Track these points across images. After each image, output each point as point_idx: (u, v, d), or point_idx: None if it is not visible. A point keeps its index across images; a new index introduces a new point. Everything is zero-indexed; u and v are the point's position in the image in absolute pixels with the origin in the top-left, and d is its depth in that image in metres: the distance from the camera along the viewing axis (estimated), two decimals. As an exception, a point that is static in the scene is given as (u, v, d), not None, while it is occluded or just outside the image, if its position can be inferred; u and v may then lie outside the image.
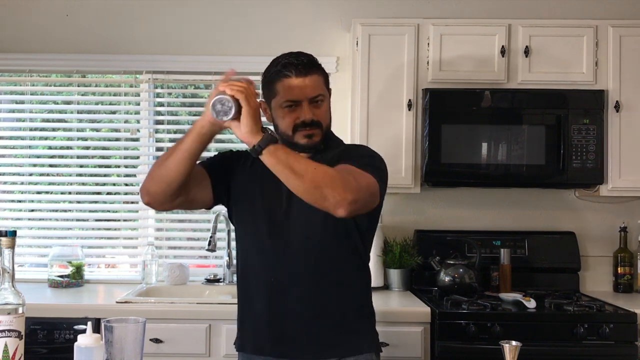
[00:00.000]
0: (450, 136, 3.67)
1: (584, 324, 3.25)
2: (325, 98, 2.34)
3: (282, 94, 2.28)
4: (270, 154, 2.01)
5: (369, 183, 2.14)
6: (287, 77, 2.26)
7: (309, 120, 2.27)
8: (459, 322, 3.25)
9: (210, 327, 3.32)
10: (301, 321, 2.31)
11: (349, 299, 2.36)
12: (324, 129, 2.33)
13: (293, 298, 2.30)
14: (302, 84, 2.26)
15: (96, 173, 4.32)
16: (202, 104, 4.26)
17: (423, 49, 3.75)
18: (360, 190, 2.06)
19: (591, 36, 3.72)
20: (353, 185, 2.04)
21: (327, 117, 2.36)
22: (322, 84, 2.33)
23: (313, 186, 2.01)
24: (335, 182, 2.02)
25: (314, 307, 2.31)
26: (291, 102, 2.27)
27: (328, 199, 2.01)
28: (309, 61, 2.30)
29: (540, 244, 4.00)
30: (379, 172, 2.24)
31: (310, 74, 2.27)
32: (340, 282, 2.34)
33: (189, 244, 4.33)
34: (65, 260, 3.93)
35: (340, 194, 2.00)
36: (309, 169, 2.02)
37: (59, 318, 3.29)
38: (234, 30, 4.17)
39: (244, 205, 2.41)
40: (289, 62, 2.28)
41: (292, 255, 2.30)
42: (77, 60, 4.17)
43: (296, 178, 2.01)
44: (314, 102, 2.28)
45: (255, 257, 2.37)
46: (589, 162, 3.65)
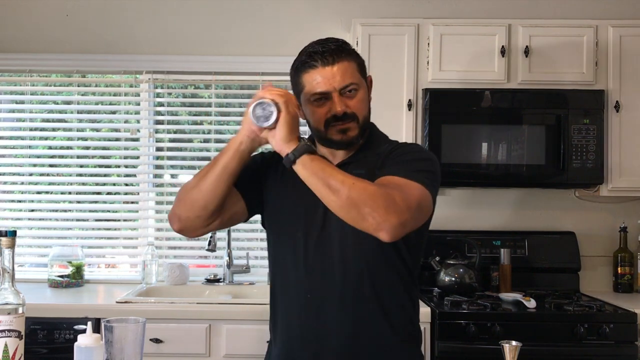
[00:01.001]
0: (450, 136, 3.67)
1: (584, 324, 3.24)
2: (360, 86, 2.07)
3: (309, 87, 2.04)
4: (304, 165, 1.85)
5: (419, 198, 1.92)
6: (314, 67, 2.02)
7: (340, 113, 2.02)
8: (459, 322, 3.25)
9: (210, 327, 3.31)
10: (338, 342, 2.05)
11: (393, 319, 2.09)
12: (361, 122, 2.08)
13: (329, 316, 2.06)
14: (329, 73, 2.01)
15: (96, 173, 4.32)
16: (202, 104, 4.26)
17: (423, 49, 3.75)
18: (407, 211, 1.84)
19: (591, 36, 3.72)
20: (399, 206, 1.82)
21: (364, 107, 2.09)
22: (355, 70, 2.06)
23: (350, 204, 1.81)
24: (376, 201, 1.80)
25: (352, 326, 2.05)
26: (320, 95, 2.03)
27: (367, 219, 1.81)
28: (337, 47, 2.04)
29: (541, 244, 3.99)
30: (430, 179, 2.01)
31: (339, 61, 2.02)
32: (383, 300, 2.07)
33: (189, 244, 4.32)
34: (65, 260, 3.93)
35: (381, 215, 1.79)
36: (345, 184, 1.82)
37: (59, 318, 3.29)
38: (234, 30, 4.17)
39: (277, 214, 2.19)
40: (314, 50, 2.04)
41: (329, 270, 2.06)
42: (77, 60, 4.18)
43: (332, 193, 1.83)
44: (345, 92, 2.03)
45: (290, 270, 2.13)
46: (589, 162, 3.65)
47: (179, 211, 2.09)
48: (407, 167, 1.99)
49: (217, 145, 4.18)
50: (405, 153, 2.11)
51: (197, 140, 4.33)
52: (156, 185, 4.27)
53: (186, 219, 2.08)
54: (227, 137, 4.22)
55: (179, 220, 2.09)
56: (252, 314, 3.25)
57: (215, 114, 4.25)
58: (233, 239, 4.07)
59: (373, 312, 2.06)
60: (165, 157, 4.27)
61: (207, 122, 4.27)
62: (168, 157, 4.27)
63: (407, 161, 2.04)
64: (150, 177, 4.26)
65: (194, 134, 4.31)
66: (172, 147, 4.26)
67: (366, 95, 2.12)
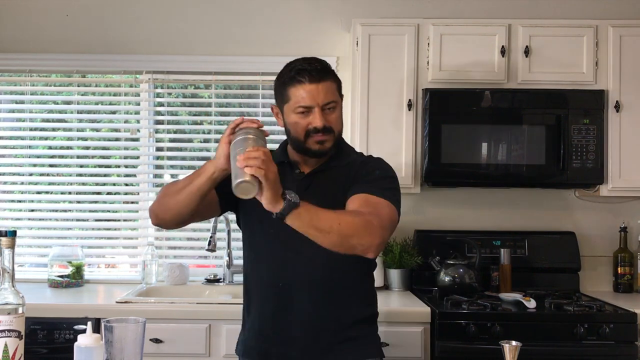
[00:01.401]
0: (450, 136, 3.67)
1: (584, 324, 3.25)
2: (338, 105, 2.33)
3: (294, 100, 2.28)
4: (295, 219, 2.02)
5: (390, 215, 2.21)
6: (301, 83, 2.26)
7: (321, 127, 2.27)
8: (459, 322, 3.25)
9: (210, 327, 3.32)
10: (307, 327, 2.31)
11: (356, 305, 2.37)
12: (336, 136, 2.34)
13: (300, 304, 2.31)
14: (315, 90, 2.25)
15: (96, 173, 4.32)
16: (202, 104, 4.27)
17: (423, 49, 3.75)
18: (384, 230, 2.14)
19: (591, 36, 3.72)
20: (377, 228, 2.10)
21: (339, 123, 2.35)
22: (335, 90, 2.32)
23: (341, 240, 2.07)
24: (360, 231, 2.08)
25: (321, 313, 2.32)
26: (304, 108, 2.27)
27: (356, 247, 2.09)
28: (322, 68, 2.30)
29: (540, 244, 4.00)
30: (395, 196, 2.29)
31: (323, 81, 2.27)
32: (348, 288, 2.36)
33: (189, 244, 4.33)
34: (65, 260, 3.93)
35: (367, 240, 2.08)
36: (334, 225, 2.05)
37: (59, 318, 3.29)
38: (235, 31, 4.17)
39: (251, 211, 2.38)
40: (302, 68, 2.28)
41: (300, 261, 2.31)
42: (77, 60, 4.18)
43: (324, 236, 2.06)
44: (326, 108, 2.28)
45: (262, 262, 2.39)
46: (589, 162, 3.66)
47: (157, 211, 2.35)
48: (376, 185, 2.26)
49: (216, 145, 4.16)
50: (372, 169, 2.37)
51: (197, 140, 4.33)
52: (156, 185, 4.27)
53: (162, 219, 2.34)
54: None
55: (156, 217, 2.36)
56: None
57: (215, 114, 4.25)
58: (233, 239, 4.07)
59: (339, 300, 2.33)
60: (165, 157, 4.27)
61: (207, 122, 4.27)
62: (168, 157, 4.27)
63: (376, 179, 2.31)
64: (150, 177, 4.26)
65: (194, 134, 4.31)
66: (172, 147, 4.27)
67: (341, 112, 2.37)
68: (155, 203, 2.37)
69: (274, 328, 2.35)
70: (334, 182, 2.34)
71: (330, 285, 2.32)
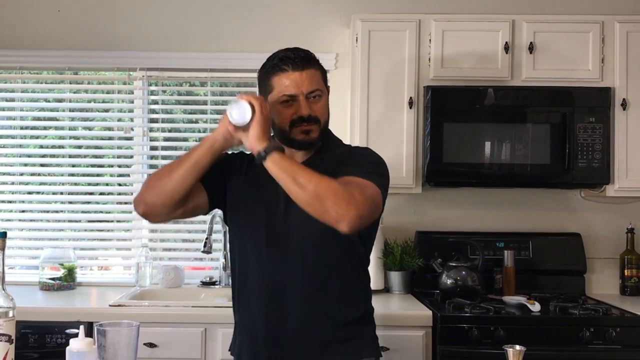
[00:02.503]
0: (452, 135, 3.68)
1: (590, 328, 3.25)
2: (323, 93, 2.34)
3: (278, 89, 2.29)
4: (274, 162, 2.06)
5: (373, 195, 2.16)
6: (284, 71, 2.28)
7: (306, 116, 2.27)
8: (462, 326, 3.25)
9: (205, 331, 3.32)
10: (298, 327, 2.30)
11: (348, 305, 2.36)
12: (322, 125, 2.34)
13: (290, 303, 2.30)
14: (298, 78, 2.27)
15: (89, 173, 4.32)
16: (198, 102, 4.27)
17: (424, 45, 3.75)
18: (364, 205, 2.09)
19: (597, 32, 3.72)
20: (358, 200, 2.06)
21: (325, 113, 2.36)
22: (320, 79, 2.34)
23: (315, 198, 2.05)
24: (338, 196, 2.04)
25: (312, 312, 2.31)
26: (288, 97, 2.27)
27: (330, 212, 2.04)
28: (305, 55, 2.31)
29: (545, 245, 4.00)
30: (382, 181, 2.27)
31: (307, 68, 2.28)
32: (339, 288, 2.34)
33: (184, 246, 4.33)
34: (57, 263, 3.93)
35: (343, 208, 2.03)
36: (312, 180, 2.05)
37: (51, 322, 3.29)
38: (231, 27, 4.17)
39: (240, 210, 2.41)
40: (285, 56, 2.30)
41: (290, 261, 2.30)
42: (69, 57, 4.18)
43: (299, 188, 2.06)
44: (311, 97, 2.29)
45: (252, 263, 2.37)
46: (595, 161, 3.66)
47: (146, 197, 2.29)
48: (363, 169, 2.24)
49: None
50: (361, 156, 2.39)
51: (193, 139, 4.32)
52: (150, 186, 4.26)
53: (152, 205, 2.29)
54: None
55: (145, 205, 2.30)
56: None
57: (211, 112, 4.25)
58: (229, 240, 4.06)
59: (331, 300, 2.32)
60: (159, 156, 4.26)
61: (203, 121, 4.27)
62: (162, 156, 4.26)
63: (363, 164, 2.29)
64: (144, 177, 4.25)
65: (189, 133, 4.31)
66: (166, 146, 4.27)
67: (327, 101, 2.39)
68: (141, 191, 2.32)
69: (264, 330, 2.34)
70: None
71: (322, 284, 2.31)
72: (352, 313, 2.36)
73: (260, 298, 2.34)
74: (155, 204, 2.28)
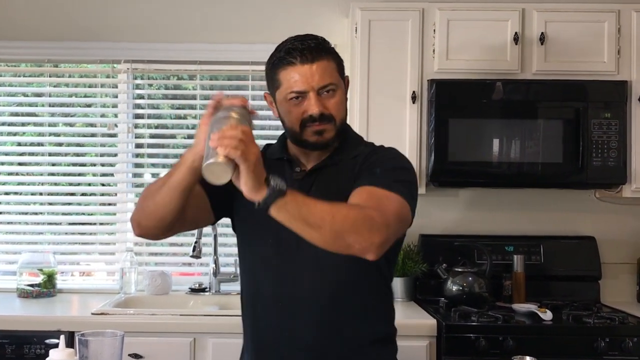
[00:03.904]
0: (458, 132, 3.68)
1: (605, 337, 3.25)
2: (338, 87, 2.21)
3: (286, 85, 2.16)
4: (280, 210, 1.86)
5: (397, 210, 2.04)
6: (291, 64, 2.14)
7: (317, 114, 2.14)
8: (468, 336, 3.26)
9: (194, 341, 3.32)
10: (313, 345, 2.19)
11: (368, 324, 2.24)
12: (338, 124, 2.21)
13: (303, 321, 2.19)
14: (308, 72, 2.13)
15: (70, 172, 4.32)
16: (186, 96, 4.27)
17: (428, 36, 3.75)
18: (387, 228, 1.96)
19: (613, 22, 3.73)
20: (380, 223, 1.94)
21: (341, 109, 2.23)
22: (334, 70, 2.20)
23: (334, 237, 1.91)
24: (358, 227, 1.91)
25: (328, 331, 2.19)
26: (297, 94, 2.14)
27: (353, 246, 1.92)
28: (316, 44, 2.17)
29: (557, 249, 4.01)
30: (408, 189, 2.13)
31: (318, 60, 2.14)
32: (358, 305, 2.22)
33: (172, 250, 4.33)
34: (36, 268, 3.93)
35: (366, 238, 1.91)
36: (326, 218, 1.89)
37: (29, 331, 3.30)
38: (222, 16, 4.17)
39: (248, 219, 2.25)
40: (293, 47, 2.16)
41: (303, 274, 2.18)
42: (48, 49, 4.17)
43: (314, 231, 1.90)
44: (323, 92, 2.16)
45: (262, 275, 2.26)
46: (610, 159, 3.66)
47: (138, 219, 2.17)
48: (385, 177, 2.10)
49: (202, 141, 4.18)
50: (383, 160, 2.22)
51: (181, 136, 4.33)
52: (135, 186, 4.27)
53: (145, 227, 2.17)
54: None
55: (138, 227, 2.18)
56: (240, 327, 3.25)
57: (201, 107, 4.25)
58: (220, 244, 4.07)
59: (348, 318, 2.20)
60: (145, 154, 4.26)
61: (192, 116, 4.28)
62: (149, 154, 4.26)
63: (386, 170, 2.15)
64: (129, 177, 4.26)
65: (177, 129, 4.32)
66: (153, 144, 4.27)
67: (344, 96, 2.26)
68: (134, 210, 2.20)
69: (275, 347, 2.23)
70: (339, 180, 2.19)
71: (339, 301, 2.18)
72: (372, 334, 2.24)
73: (271, 313, 2.23)
74: (148, 227, 2.16)
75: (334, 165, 2.23)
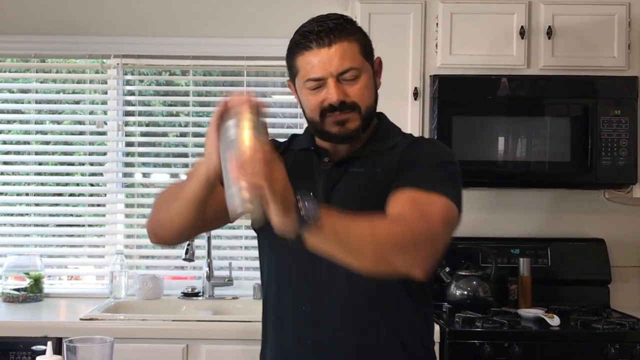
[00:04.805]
0: (462, 129, 3.68)
1: (615, 344, 3.25)
2: (363, 71, 2.05)
3: (303, 71, 2.03)
4: (313, 242, 1.70)
5: (444, 216, 1.91)
6: (308, 49, 2.00)
7: (337, 103, 1.99)
8: (472, 342, 3.26)
9: (187, 348, 3.32)
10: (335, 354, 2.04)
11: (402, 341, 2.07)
12: (364, 112, 2.05)
13: (329, 332, 2.04)
14: (325, 56, 1.98)
15: (57, 172, 4.32)
16: (178, 93, 4.27)
17: (431, 30, 3.75)
18: (436, 238, 1.84)
19: (623, 14, 3.72)
20: (426, 237, 1.81)
21: (368, 95, 2.08)
22: (357, 52, 2.04)
23: (379, 261, 1.77)
24: (403, 247, 1.77)
25: (356, 345, 2.04)
26: (314, 82, 2.01)
27: (400, 268, 1.80)
28: (336, 25, 2.00)
29: (565, 252, 4.01)
30: (454, 187, 2.02)
31: (337, 42, 1.98)
32: (392, 318, 2.06)
33: (164, 253, 4.33)
34: (22, 272, 3.93)
35: (412, 257, 1.79)
36: (367, 241, 1.73)
37: (15, 337, 3.30)
38: (216, 9, 4.16)
39: None
40: (309, 29, 2.01)
41: (330, 282, 2.03)
42: (35, 43, 4.17)
43: (356, 257, 1.76)
44: (343, 79, 2.01)
45: (284, 281, 2.13)
46: (620, 158, 3.66)
47: (155, 229, 2.10)
48: (429, 175, 1.98)
49: (194, 139, 4.19)
50: (424, 154, 2.08)
51: (173, 134, 4.33)
52: (126, 186, 4.27)
53: (162, 237, 2.10)
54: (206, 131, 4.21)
55: (155, 236, 2.11)
56: (235, 333, 3.26)
57: (194, 103, 4.25)
58: (214, 246, 4.07)
59: (380, 331, 2.05)
60: (136, 153, 4.27)
61: (184, 114, 4.27)
62: (139, 153, 4.27)
63: (429, 166, 2.03)
64: (119, 176, 4.26)
65: (169, 127, 4.32)
66: (144, 142, 4.27)
67: (371, 81, 2.11)
68: (149, 218, 2.12)
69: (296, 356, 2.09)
70: (371, 175, 2.05)
71: (369, 311, 2.02)
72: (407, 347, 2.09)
73: (293, 323, 2.10)
74: (165, 236, 2.09)
75: (365, 157, 2.10)
